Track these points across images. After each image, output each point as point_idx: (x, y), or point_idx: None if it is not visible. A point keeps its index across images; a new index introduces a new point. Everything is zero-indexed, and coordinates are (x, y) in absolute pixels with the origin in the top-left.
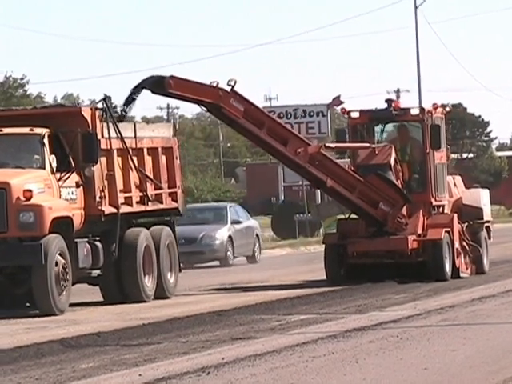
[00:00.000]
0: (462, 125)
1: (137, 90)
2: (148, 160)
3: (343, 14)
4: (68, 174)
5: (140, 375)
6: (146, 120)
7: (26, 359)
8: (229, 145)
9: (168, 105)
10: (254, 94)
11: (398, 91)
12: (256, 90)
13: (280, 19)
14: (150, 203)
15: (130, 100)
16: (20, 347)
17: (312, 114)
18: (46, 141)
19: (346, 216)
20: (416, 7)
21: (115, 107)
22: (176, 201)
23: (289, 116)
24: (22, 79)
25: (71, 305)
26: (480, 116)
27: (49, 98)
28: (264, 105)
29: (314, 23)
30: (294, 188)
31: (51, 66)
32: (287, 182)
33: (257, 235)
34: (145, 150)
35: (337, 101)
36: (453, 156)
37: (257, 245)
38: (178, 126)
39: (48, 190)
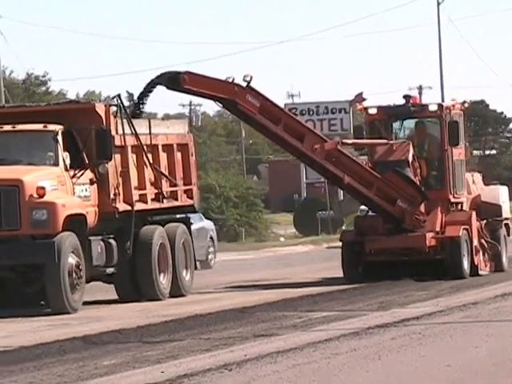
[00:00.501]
0: (485, 121)
1: (152, 85)
2: (163, 157)
3: (366, 11)
4: (82, 171)
5: (162, 372)
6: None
7: (49, 356)
8: (251, 142)
9: (190, 102)
10: (277, 90)
11: (420, 88)
12: (278, 86)
13: (303, 16)
14: (165, 200)
15: (144, 96)
16: (42, 344)
17: (334, 110)
18: (59, 137)
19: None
20: (438, 4)
21: (136, 104)
22: (191, 198)
23: (311, 113)
24: (43, 76)
25: (88, 303)
26: (502, 112)
27: (71, 95)
28: (286, 102)
29: (337, 20)
30: (317, 185)
31: (73, 63)
32: (309, 179)
33: (211, 238)
34: (160, 147)
35: (359, 98)
36: (475, 153)
37: (211, 249)
38: (200, 123)
39: (61, 188)
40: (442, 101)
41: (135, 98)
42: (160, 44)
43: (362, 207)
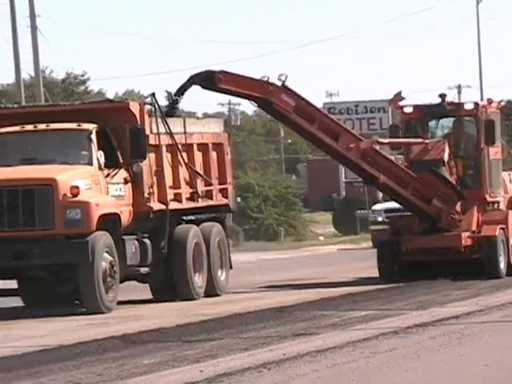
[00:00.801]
0: None
1: (187, 85)
2: (198, 156)
3: (405, 10)
4: (116, 170)
5: (201, 371)
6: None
7: (88, 355)
8: (290, 141)
9: (229, 101)
10: (316, 90)
11: (459, 87)
12: (317, 86)
13: (342, 15)
14: (200, 200)
15: (179, 95)
16: (81, 343)
17: (373, 109)
18: (93, 136)
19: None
20: (477, 2)
21: (171, 103)
22: (227, 197)
23: (350, 112)
24: (82, 76)
25: (125, 302)
26: None
27: (110, 94)
28: (325, 101)
29: (376, 19)
30: (355, 184)
31: (112, 63)
32: (348, 178)
33: None
34: (195, 146)
35: (398, 97)
36: None
37: None
38: (239, 123)
39: (95, 187)
40: (481, 100)
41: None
42: (199, 43)
43: (376, 207)
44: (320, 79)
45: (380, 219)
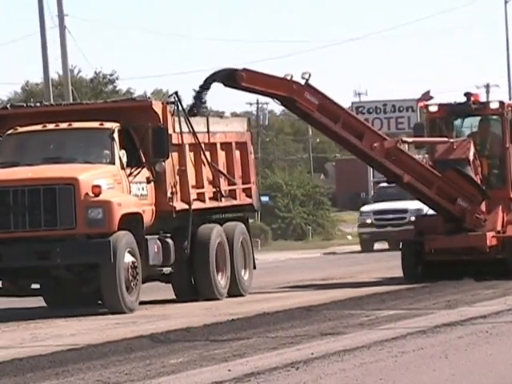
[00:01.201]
0: None
1: (209, 83)
2: (221, 155)
3: (433, 9)
4: (138, 170)
5: (229, 370)
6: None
7: (116, 354)
8: (318, 140)
9: (257, 100)
10: (344, 89)
11: (487, 86)
12: (346, 85)
13: (370, 14)
14: (223, 199)
15: (201, 94)
16: (109, 342)
17: (401, 109)
18: (115, 135)
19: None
20: (506, 2)
21: (204, 102)
22: (250, 197)
23: (378, 111)
24: (111, 75)
25: (152, 302)
26: None
27: (138, 93)
28: (353, 100)
29: (404, 18)
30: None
31: (140, 62)
32: (376, 178)
33: None
34: (218, 145)
35: (426, 96)
36: None
37: None
38: (267, 122)
39: (117, 186)
40: (510, 99)
41: (201, 96)
42: (226, 42)
43: (364, 208)
44: (348, 78)
45: (369, 221)
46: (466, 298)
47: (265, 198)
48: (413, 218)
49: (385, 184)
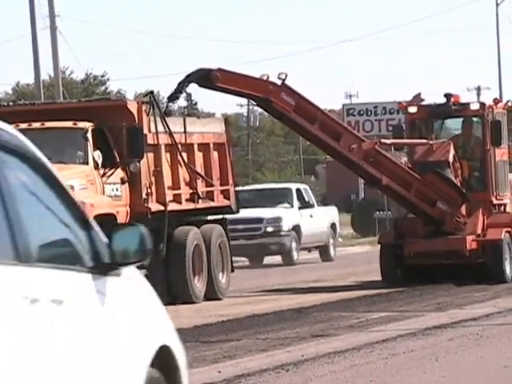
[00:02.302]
0: None
1: (184, 83)
2: (199, 156)
3: (424, 12)
4: (112, 170)
5: (219, 372)
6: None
7: None
8: (308, 142)
9: (248, 102)
10: (335, 91)
11: (478, 89)
12: (337, 87)
13: (361, 17)
14: (200, 201)
15: (176, 94)
16: None
17: (392, 111)
18: (89, 135)
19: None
20: (497, 4)
21: (195, 104)
22: (228, 198)
23: (369, 113)
24: (102, 76)
25: None
26: None
27: (129, 94)
28: (344, 102)
29: (395, 20)
30: None
31: (131, 63)
32: None
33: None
34: (195, 146)
35: (417, 98)
36: None
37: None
38: (258, 124)
39: (91, 187)
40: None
41: (192, 97)
42: (219, 43)
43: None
44: (339, 80)
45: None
46: (457, 301)
47: None
48: (270, 229)
49: (240, 188)
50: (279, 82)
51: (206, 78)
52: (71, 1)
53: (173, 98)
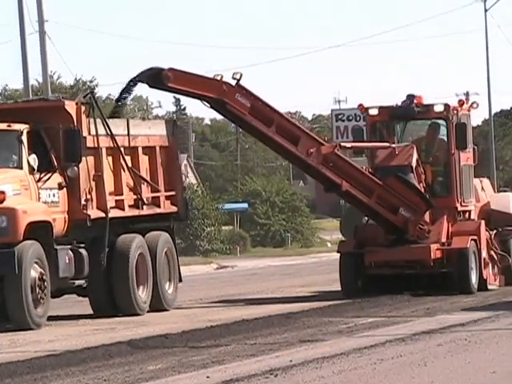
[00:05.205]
0: None
1: (132, 83)
2: (144, 160)
3: (414, 17)
4: (49, 175)
5: (208, 377)
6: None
7: (95, 360)
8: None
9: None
10: (324, 96)
11: (467, 94)
12: (325, 92)
13: (351, 22)
14: (145, 207)
15: (123, 94)
16: (88, 348)
17: None
18: (24, 138)
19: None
20: (486, 10)
21: (184, 109)
22: (176, 204)
23: (358, 118)
24: (91, 81)
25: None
26: None
27: None
28: (333, 107)
29: (384, 26)
30: None
31: (120, 68)
32: None
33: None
34: (140, 149)
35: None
36: None
37: None
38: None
39: (25, 192)
40: (489, 107)
41: (180, 102)
42: (210, 48)
43: None
44: (328, 86)
45: None
46: (445, 306)
47: (244, 205)
48: None
49: None
50: (234, 83)
51: (156, 77)
52: (58, 6)
53: (119, 98)
